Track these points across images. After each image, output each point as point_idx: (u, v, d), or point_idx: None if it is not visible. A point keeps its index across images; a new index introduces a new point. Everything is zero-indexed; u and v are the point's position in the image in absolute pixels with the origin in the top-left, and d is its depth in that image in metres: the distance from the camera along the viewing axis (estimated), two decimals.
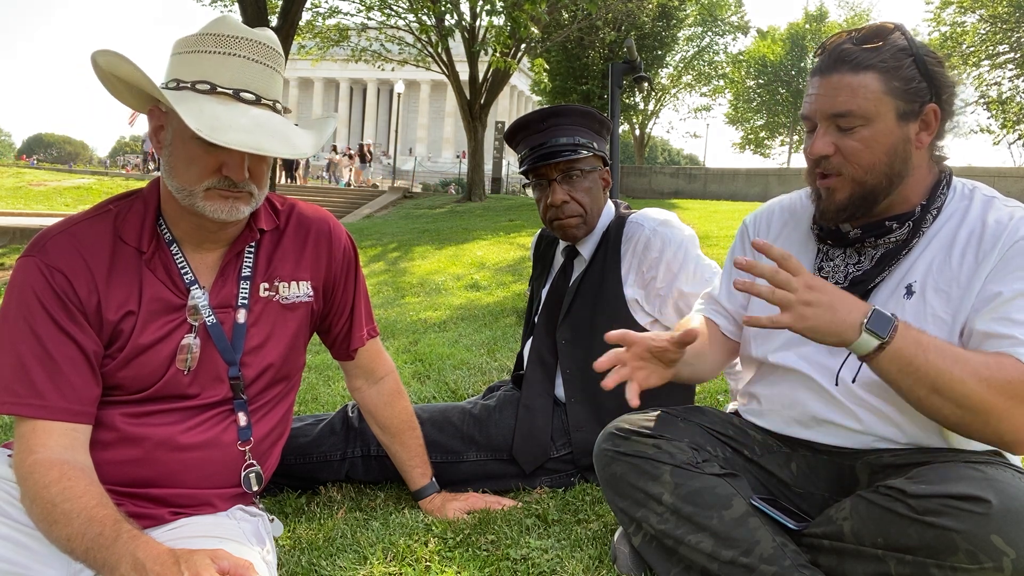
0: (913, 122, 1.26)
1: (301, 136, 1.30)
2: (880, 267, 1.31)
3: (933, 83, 1.25)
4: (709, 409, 1.54)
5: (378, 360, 1.70)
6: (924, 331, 1.18)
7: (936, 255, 1.28)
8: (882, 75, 1.24)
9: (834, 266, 1.38)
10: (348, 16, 17.54)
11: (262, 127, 1.22)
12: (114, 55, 1.22)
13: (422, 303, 5.41)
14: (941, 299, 1.25)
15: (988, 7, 20.56)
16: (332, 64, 19.76)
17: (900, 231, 1.30)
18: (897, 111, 1.25)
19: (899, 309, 1.27)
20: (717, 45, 32.77)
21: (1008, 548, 1.00)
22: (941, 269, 1.26)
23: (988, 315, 1.20)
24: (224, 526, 1.30)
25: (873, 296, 1.32)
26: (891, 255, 1.31)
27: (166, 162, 1.28)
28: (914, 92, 1.25)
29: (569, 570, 1.40)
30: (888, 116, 1.25)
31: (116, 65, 1.24)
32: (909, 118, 1.26)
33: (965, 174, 1.38)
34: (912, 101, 1.25)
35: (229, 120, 1.19)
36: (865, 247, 1.34)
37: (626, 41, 4.22)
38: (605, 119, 1.99)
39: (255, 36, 1.26)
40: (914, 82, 1.24)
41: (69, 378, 1.22)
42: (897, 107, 1.25)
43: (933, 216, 1.29)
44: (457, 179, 26.90)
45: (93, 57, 1.25)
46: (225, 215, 1.27)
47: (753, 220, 1.58)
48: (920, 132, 1.27)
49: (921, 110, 1.26)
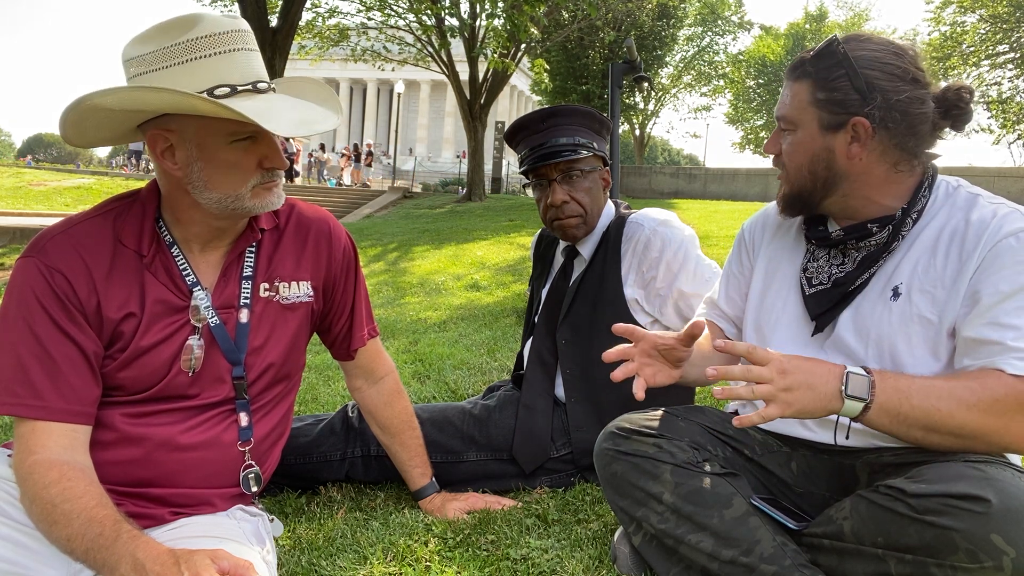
0: (839, 133, 1.29)
1: (317, 108, 1.32)
2: (861, 269, 1.33)
3: (870, 96, 1.25)
4: (709, 409, 1.54)
5: (378, 360, 1.70)
6: (896, 373, 1.21)
7: (921, 256, 1.28)
8: (812, 85, 1.30)
9: (818, 267, 1.40)
10: (348, 16, 17.54)
11: (293, 108, 1.25)
12: (137, 89, 1.16)
13: (422, 303, 5.41)
14: (927, 300, 1.26)
15: (988, 7, 20.56)
16: (332, 64, 19.74)
17: (880, 234, 1.31)
18: (820, 121, 1.30)
19: (886, 310, 1.29)
20: (717, 45, 32.79)
21: (1008, 547, 1.00)
22: (926, 270, 1.27)
23: (975, 320, 1.20)
24: (224, 526, 1.29)
25: (860, 297, 1.33)
26: (872, 258, 1.32)
27: (197, 178, 1.25)
28: (839, 104, 1.28)
29: (569, 570, 1.40)
30: (811, 125, 1.31)
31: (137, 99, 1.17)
32: (834, 129, 1.29)
33: (965, 174, 1.39)
34: (836, 113, 1.28)
35: (268, 110, 1.19)
36: (848, 249, 1.36)
37: (626, 41, 4.22)
38: (605, 119, 1.99)
39: (238, 25, 1.23)
40: (840, 93, 1.27)
41: (69, 379, 1.22)
42: (820, 117, 1.30)
43: (914, 219, 1.30)
44: (457, 179, 26.88)
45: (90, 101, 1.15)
46: (273, 204, 1.32)
47: (749, 226, 1.61)
48: (852, 143, 1.29)
49: (847, 122, 1.28)
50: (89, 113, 1.20)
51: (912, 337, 1.27)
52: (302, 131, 1.21)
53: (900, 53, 1.27)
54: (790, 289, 1.45)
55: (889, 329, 1.28)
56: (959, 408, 1.14)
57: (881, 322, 1.29)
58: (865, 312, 1.32)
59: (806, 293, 1.40)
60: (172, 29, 1.19)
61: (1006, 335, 1.16)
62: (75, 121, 1.21)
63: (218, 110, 1.15)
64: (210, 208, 1.28)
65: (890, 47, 1.28)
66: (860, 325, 1.32)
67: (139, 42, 1.20)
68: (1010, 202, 1.28)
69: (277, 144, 1.29)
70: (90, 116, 1.21)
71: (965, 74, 21.72)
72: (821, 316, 1.37)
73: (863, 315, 1.32)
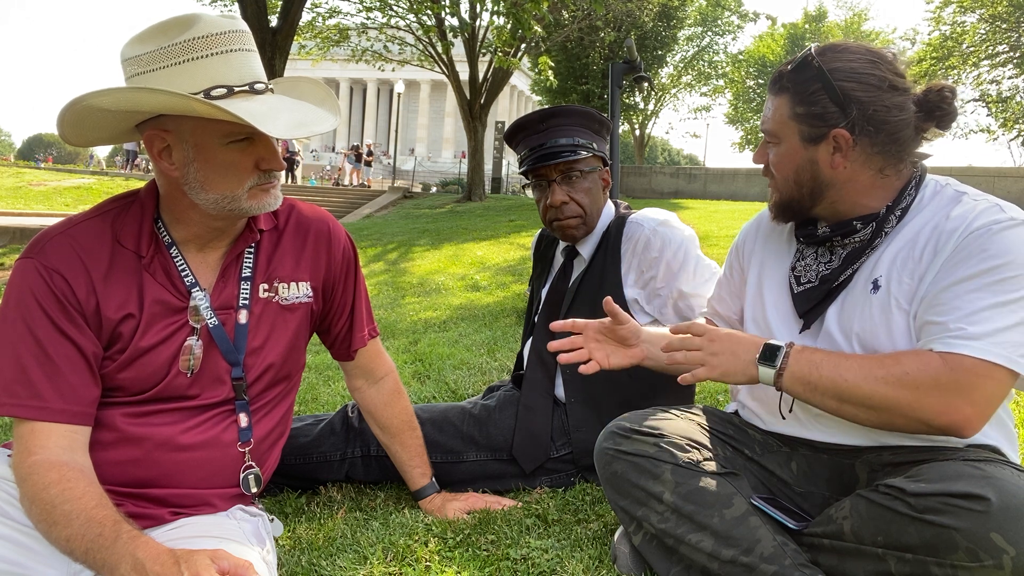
0: (820, 144, 1.32)
1: (314, 108, 1.32)
2: (845, 265, 1.35)
3: (847, 108, 1.27)
4: (709, 409, 1.55)
5: (378, 360, 1.70)
6: (822, 350, 1.28)
7: (901, 249, 1.30)
8: (790, 100, 1.33)
9: (806, 265, 1.42)
10: (348, 16, 17.54)
11: (290, 110, 1.24)
12: (134, 90, 1.16)
13: (422, 303, 5.41)
14: (904, 291, 1.27)
15: (988, 7, 20.55)
16: (332, 64, 19.74)
17: (864, 230, 1.33)
18: (801, 134, 1.33)
19: (867, 303, 1.31)
20: (717, 45, 32.77)
21: (1008, 546, 1.00)
22: (905, 263, 1.28)
23: (928, 303, 1.23)
24: (224, 526, 1.29)
25: (845, 293, 1.35)
26: (856, 254, 1.34)
27: (193, 178, 1.25)
28: (818, 117, 1.30)
29: (569, 570, 1.40)
30: (792, 138, 1.34)
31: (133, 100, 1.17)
32: (815, 141, 1.32)
33: (965, 174, 1.40)
34: (816, 126, 1.31)
35: (265, 112, 1.18)
36: (835, 246, 1.38)
37: (626, 41, 4.22)
38: (605, 119, 1.99)
39: (236, 25, 1.23)
40: (818, 107, 1.29)
41: (68, 379, 1.22)
42: (801, 131, 1.33)
43: (898, 216, 1.32)
44: (457, 179, 26.88)
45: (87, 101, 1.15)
46: (270, 205, 1.32)
47: (744, 231, 1.64)
48: (834, 154, 1.31)
49: (827, 134, 1.30)
50: (86, 113, 1.20)
51: (892, 328, 1.28)
52: (298, 133, 1.20)
53: (876, 61, 1.28)
54: (780, 288, 1.46)
55: (871, 322, 1.30)
56: (866, 380, 1.20)
57: (863, 315, 1.31)
58: (848, 307, 1.33)
59: (794, 291, 1.42)
60: (170, 29, 1.19)
61: (950, 316, 1.18)
62: (73, 121, 1.21)
63: (214, 112, 1.15)
64: (207, 209, 1.28)
65: (867, 55, 1.29)
66: (844, 319, 1.33)
67: (137, 42, 1.20)
68: (995, 198, 1.28)
69: (274, 145, 1.28)
70: (88, 116, 1.21)
71: (965, 74, 21.74)
72: (808, 313, 1.39)
73: (847, 310, 1.33)
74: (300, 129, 1.21)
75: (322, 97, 1.36)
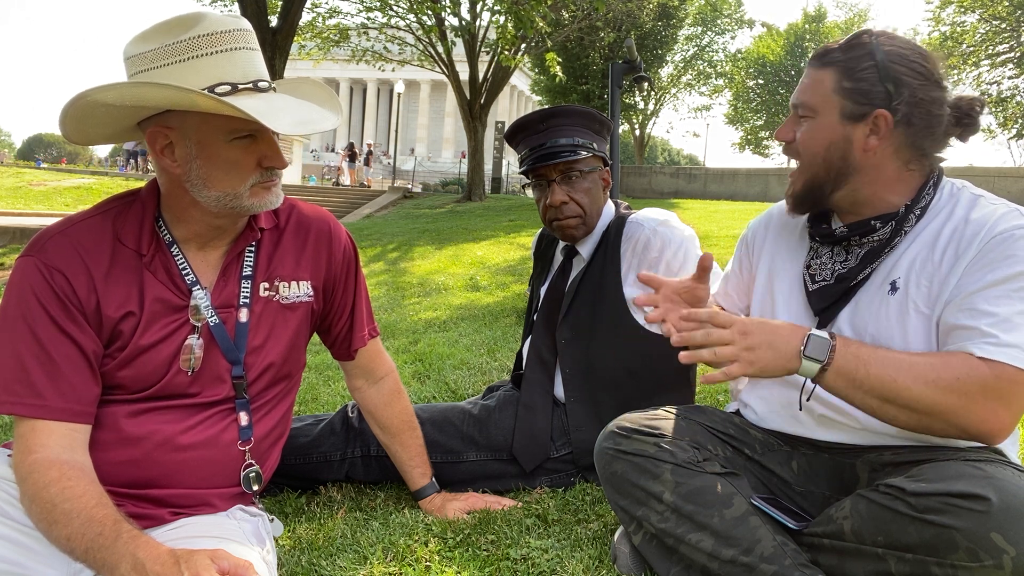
0: (859, 124, 1.29)
1: (317, 108, 1.32)
2: (863, 264, 1.34)
3: (894, 91, 1.26)
4: (710, 408, 1.55)
5: (378, 360, 1.70)
6: (865, 343, 1.23)
7: (920, 252, 1.29)
8: (837, 73, 1.30)
9: (821, 263, 1.41)
10: (348, 16, 17.54)
11: (294, 108, 1.25)
12: (138, 85, 1.16)
13: (422, 303, 5.41)
14: (922, 294, 1.27)
15: (988, 7, 20.55)
16: (332, 64, 19.74)
17: (883, 230, 1.32)
18: (842, 110, 1.30)
19: (883, 304, 1.30)
20: (717, 44, 32.77)
21: (1008, 546, 1.00)
22: (924, 265, 1.28)
23: (956, 308, 1.22)
24: (224, 526, 1.29)
25: (860, 293, 1.34)
26: (874, 253, 1.33)
27: (196, 175, 1.25)
28: (863, 94, 1.28)
29: (569, 570, 1.40)
30: (831, 113, 1.31)
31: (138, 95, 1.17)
32: (855, 119, 1.30)
33: (965, 174, 1.41)
34: (860, 103, 1.29)
35: (269, 109, 1.19)
36: (852, 245, 1.37)
37: (626, 41, 4.22)
38: (605, 119, 1.99)
39: (240, 24, 1.23)
40: (866, 84, 1.28)
41: (68, 378, 1.22)
42: (843, 106, 1.30)
43: (917, 216, 1.31)
44: (457, 179, 26.87)
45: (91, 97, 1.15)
46: (271, 203, 1.32)
47: (753, 227, 1.63)
48: (870, 136, 1.30)
49: (869, 114, 1.28)
50: (90, 109, 1.19)
51: (908, 330, 1.27)
52: (302, 130, 1.21)
53: (926, 54, 1.29)
54: (793, 286, 1.46)
55: (886, 323, 1.29)
56: (916, 382, 1.15)
57: (879, 316, 1.30)
58: (863, 307, 1.33)
59: (809, 289, 1.41)
60: (174, 27, 1.19)
61: (981, 321, 1.17)
62: (76, 117, 1.21)
63: (218, 107, 1.15)
64: (209, 206, 1.28)
65: (917, 47, 1.30)
66: (859, 319, 1.33)
67: (141, 40, 1.20)
68: (1011, 203, 1.29)
69: (276, 143, 1.29)
70: (91, 113, 1.21)
71: (965, 74, 21.73)
72: (824, 311, 1.38)
73: (861, 309, 1.33)
74: (304, 126, 1.22)
75: (324, 98, 1.36)
